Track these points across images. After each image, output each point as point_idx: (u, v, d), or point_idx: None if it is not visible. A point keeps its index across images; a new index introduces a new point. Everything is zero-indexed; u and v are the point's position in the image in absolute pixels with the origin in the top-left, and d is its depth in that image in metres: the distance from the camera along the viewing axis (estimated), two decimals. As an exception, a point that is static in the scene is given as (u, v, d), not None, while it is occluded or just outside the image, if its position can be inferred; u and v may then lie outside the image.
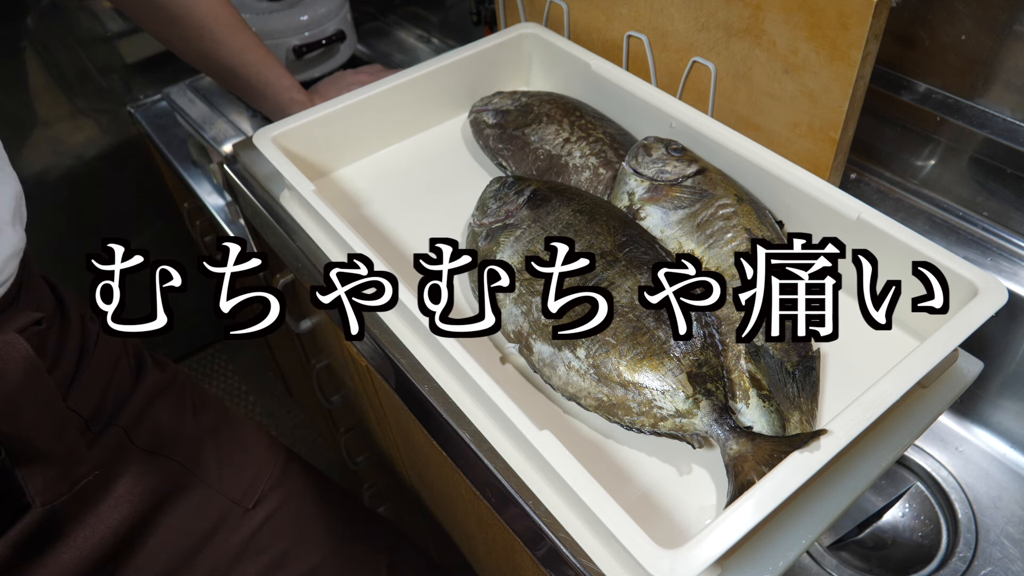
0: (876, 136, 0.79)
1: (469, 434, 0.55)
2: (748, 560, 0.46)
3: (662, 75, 0.78)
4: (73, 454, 0.54)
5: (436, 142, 0.82)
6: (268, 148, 0.69)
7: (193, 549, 0.65)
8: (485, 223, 0.64)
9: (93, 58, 1.25)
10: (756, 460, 0.46)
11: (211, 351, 1.76)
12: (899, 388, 0.47)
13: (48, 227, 1.31)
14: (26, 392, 0.50)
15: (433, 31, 1.31)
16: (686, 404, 0.50)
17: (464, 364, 0.51)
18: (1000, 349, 0.73)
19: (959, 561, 0.67)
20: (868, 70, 0.61)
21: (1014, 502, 0.71)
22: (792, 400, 0.52)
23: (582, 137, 0.72)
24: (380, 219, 0.72)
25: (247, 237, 0.96)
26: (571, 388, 0.54)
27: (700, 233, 0.61)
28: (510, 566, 0.72)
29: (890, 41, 0.73)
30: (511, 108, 0.77)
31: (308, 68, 1.09)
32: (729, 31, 0.69)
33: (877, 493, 0.74)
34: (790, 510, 0.49)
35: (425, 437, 0.62)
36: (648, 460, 0.53)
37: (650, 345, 0.52)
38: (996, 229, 0.74)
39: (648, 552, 0.41)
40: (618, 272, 0.56)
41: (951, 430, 0.77)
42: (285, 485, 0.73)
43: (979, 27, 0.69)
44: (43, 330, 0.54)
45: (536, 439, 0.46)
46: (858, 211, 0.57)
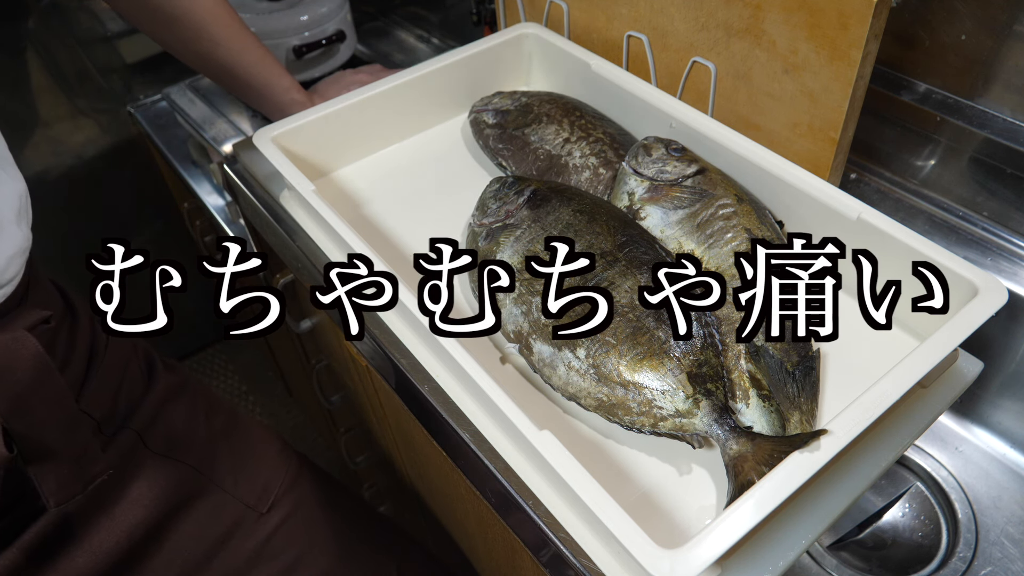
0: (876, 136, 0.79)
1: (469, 434, 0.55)
2: (748, 560, 0.46)
3: (662, 75, 0.78)
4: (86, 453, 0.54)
5: (436, 142, 0.82)
6: (268, 148, 0.69)
7: (208, 554, 0.65)
8: (485, 223, 0.64)
9: (93, 58, 1.25)
10: (756, 460, 0.46)
11: (211, 351, 1.76)
12: (899, 388, 0.47)
13: (48, 227, 1.31)
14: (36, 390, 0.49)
15: (433, 31, 1.31)
16: (686, 404, 0.50)
17: (464, 364, 0.51)
18: (1000, 349, 0.73)
19: (959, 561, 0.67)
20: (868, 70, 0.61)
21: (1014, 502, 0.71)
22: (792, 400, 0.52)
23: (582, 137, 0.72)
24: (380, 219, 0.72)
25: (247, 237, 0.96)
26: (571, 388, 0.54)
27: (700, 233, 0.61)
28: (510, 566, 0.72)
29: (890, 41, 0.73)
30: (511, 108, 0.77)
31: (308, 68, 1.09)
32: (729, 31, 0.69)
33: (877, 493, 0.74)
34: (790, 510, 0.49)
35: (425, 437, 0.62)
36: (648, 460, 0.53)
37: (650, 345, 0.52)
38: (996, 229, 0.74)
39: (648, 552, 0.41)
40: (618, 272, 0.56)
41: (951, 430, 0.77)
42: (297, 490, 0.73)
43: (979, 27, 0.69)
44: (52, 330, 0.54)
45: (536, 439, 0.46)
46: (858, 211, 0.57)
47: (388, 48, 1.32)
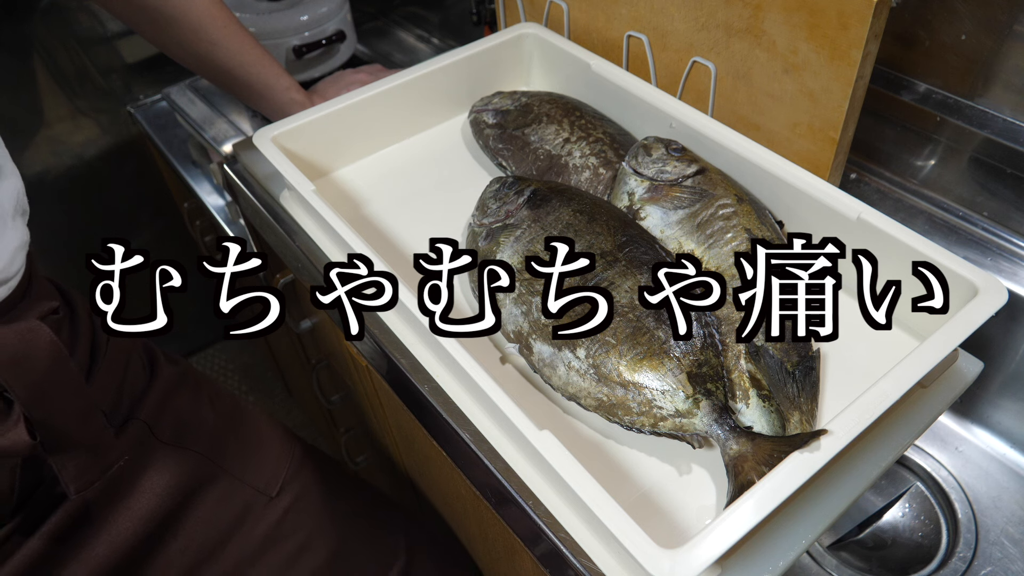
0: (876, 136, 0.79)
1: (469, 434, 0.55)
2: (748, 560, 0.47)
3: (662, 75, 0.78)
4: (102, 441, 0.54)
5: (436, 142, 0.82)
6: (268, 148, 0.69)
7: (222, 539, 0.66)
8: (485, 223, 0.64)
9: (93, 58, 1.25)
10: (756, 460, 0.46)
11: (211, 351, 1.76)
12: (899, 388, 0.47)
13: (48, 227, 1.31)
14: (53, 378, 0.50)
15: (433, 31, 1.31)
16: (686, 404, 0.50)
17: (464, 364, 0.51)
18: (1000, 349, 0.73)
19: (959, 561, 0.67)
20: (868, 70, 0.61)
21: (1014, 502, 0.71)
22: (792, 400, 0.52)
23: (582, 137, 0.72)
24: (380, 219, 0.72)
25: (247, 237, 0.96)
26: (571, 388, 0.54)
27: (700, 233, 0.61)
28: (510, 565, 0.72)
29: (890, 41, 0.73)
30: (511, 108, 0.77)
31: (308, 68, 1.09)
32: (729, 31, 0.69)
33: (877, 493, 0.74)
34: (790, 510, 0.49)
35: (425, 437, 0.62)
36: (648, 460, 0.53)
37: (650, 345, 0.52)
38: (996, 229, 0.74)
39: (648, 552, 0.41)
40: (618, 272, 0.56)
41: (951, 430, 0.77)
42: (304, 473, 0.74)
43: (979, 27, 0.69)
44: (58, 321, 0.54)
45: (536, 439, 0.46)
46: (858, 211, 0.57)
47: (388, 48, 1.32)
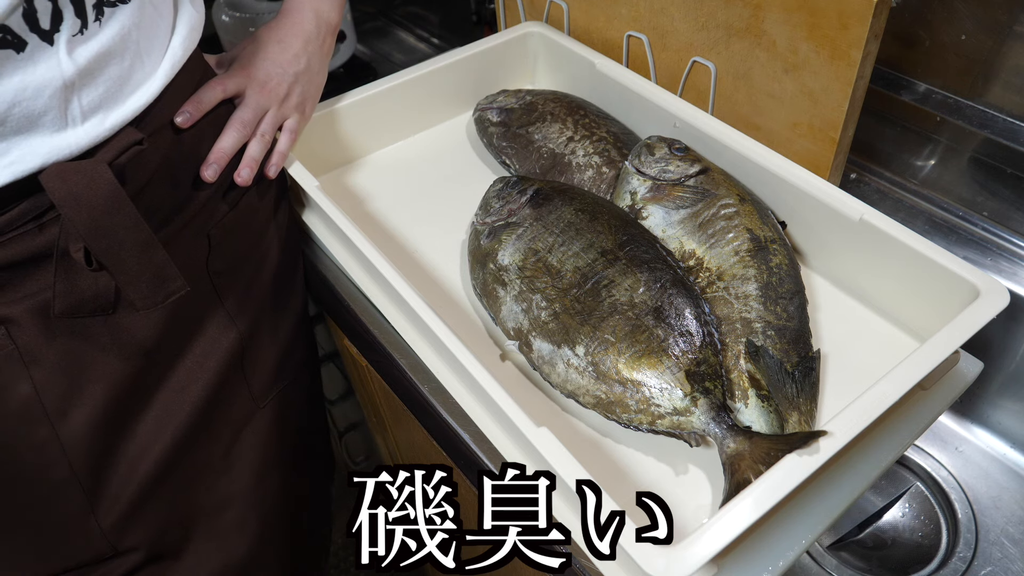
0: (876, 136, 0.79)
1: (469, 434, 0.55)
2: (748, 560, 0.47)
3: (662, 75, 0.79)
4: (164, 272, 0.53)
5: (440, 139, 0.82)
6: (270, 147, 0.69)
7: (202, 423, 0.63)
8: (488, 222, 0.64)
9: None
10: (753, 459, 0.46)
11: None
12: (898, 390, 0.47)
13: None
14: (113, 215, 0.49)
15: (433, 31, 1.31)
16: (683, 402, 0.51)
17: (464, 361, 0.51)
18: (1000, 349, 0.73)
19: (959, 561, 0.67)
20: (868, 70, 0.62)
21: (1014, 502, 0.71)
22: (791, 400, 0.52)
23: (586, 136, 0.73)
24: (384, 215, 0.73)
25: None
26: (570, 385, 0.54)
27: (702, 233, 0.61)
28: (510, 564, 0.72)
29: (890, 41, 0.73)
30: (515, 106, 0.77)
31: (310, 67, 1.09)
32: (729, 31, 0.69)
33: (877, 493, 0.74)
34: (790, 509, 0.49)
35: (425, 437, 0.62)
36: (645, 458, 0.53)
37: (649, 343, 0.53)
38: (996, 229, 0.74)
39: (644, 550, 0.41)
40: (618, 271, 0.57)
41: (951, 430, 0.77)
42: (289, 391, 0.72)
43: (979, 27, 0.68)
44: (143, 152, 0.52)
45: (534, 436, 0.46)
46: (860, 212, 0.57)
47: (388, 48, 1.32)
